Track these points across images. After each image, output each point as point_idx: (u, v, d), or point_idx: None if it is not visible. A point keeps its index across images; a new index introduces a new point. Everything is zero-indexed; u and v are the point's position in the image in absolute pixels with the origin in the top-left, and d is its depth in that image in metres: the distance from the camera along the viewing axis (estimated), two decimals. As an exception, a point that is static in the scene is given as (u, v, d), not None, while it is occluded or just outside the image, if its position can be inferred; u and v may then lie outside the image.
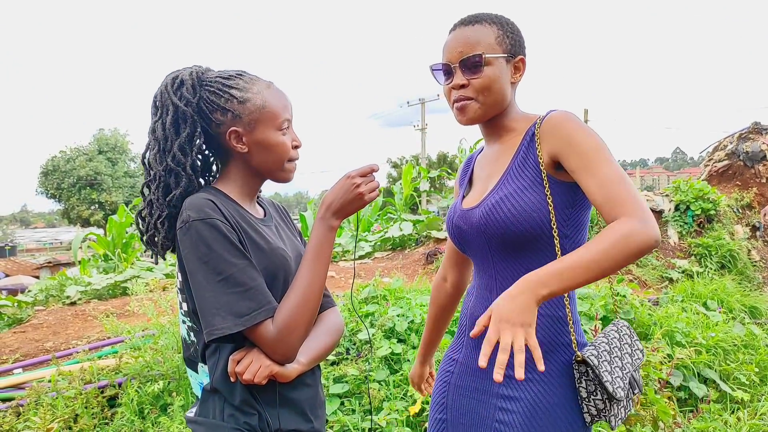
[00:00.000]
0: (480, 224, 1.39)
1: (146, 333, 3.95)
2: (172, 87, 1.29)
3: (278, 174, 1.37)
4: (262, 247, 1.28)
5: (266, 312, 1.20)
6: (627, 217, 1.15)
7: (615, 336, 1.41)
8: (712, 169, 9.02)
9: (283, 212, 1.56)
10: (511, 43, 1.41)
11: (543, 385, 1.36)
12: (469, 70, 1.38)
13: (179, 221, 1.22)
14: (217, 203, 1.24)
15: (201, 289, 1.19)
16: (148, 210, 1.31)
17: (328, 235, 1.30)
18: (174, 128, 1.28)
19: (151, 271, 6.92)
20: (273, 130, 1.32)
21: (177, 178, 1.28)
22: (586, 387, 1.32)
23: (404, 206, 11.95)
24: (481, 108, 1.40)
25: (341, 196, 1.30)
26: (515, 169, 1.39)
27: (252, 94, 1.31)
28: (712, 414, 3.30)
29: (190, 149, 1.29)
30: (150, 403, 3.20)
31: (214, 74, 1.33)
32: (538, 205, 1.32)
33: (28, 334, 4.55)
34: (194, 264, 1.19)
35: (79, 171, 32.42)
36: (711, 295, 5.04)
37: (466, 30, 1.41)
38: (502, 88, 1.40)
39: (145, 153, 1.33)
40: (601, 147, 1.27)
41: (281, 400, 1.28)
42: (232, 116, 1.29)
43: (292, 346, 1.23)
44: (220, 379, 1.25)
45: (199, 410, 1.30)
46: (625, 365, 1.37)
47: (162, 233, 1.29)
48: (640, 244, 1.12)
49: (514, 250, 1.37)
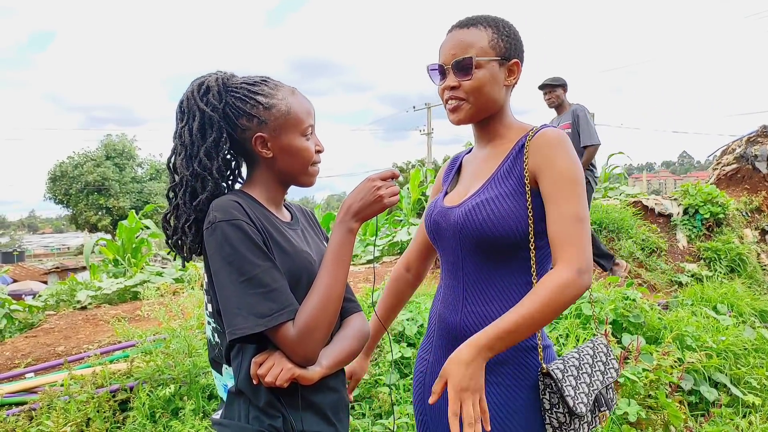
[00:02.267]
0: (457, 224, 1.42)
1: (157, 337, 3.96)
2: (198, 93, 1.31)
3: (302, 178, 1.39)
4: (286, 250, 1.30)
5: (288, 314, 1.21)
6: (564, 264, 1.24)
7: (589, 353, 1.44)
8: (721, 173, 8.99)
9: (311, 217, 1.58)
10: (506, 47, 1.43)
11: (509, 390, 1.38)
12: (461, 72, 1.41)
13: (206, 222, 1.24)
14: (243, 205, 1.25)
15: (224, 289, 1.20)
16: (174, 214, 1.33)
17: (348, 237, 1.31)
18: (200, 133, 1.31)
19: (161, 276, 6.94)
20: (297, 136, 1.34)
21: (203, 182, 1.31)
22: (549, 399, 1.35)
23: (412, 210, 11.95)
24: (471, 109, 1.43)
25: (361, 199, 1.31)
26: (500, 175, 1.41)
27: (277, 100, 1.33)
28: (723, 418, 3.29)
29: (216, 154, 1.31)
30: (161, 407, 3.20)
31: (239, 80, 1.35)
32: (516, 214, 1.35)
33: (39, 338, 4.57)
34: (219, 264, 1.21)
35: (86, 177, 32.51)
36: (721, 299, 5.01)
37: (461, 32, 1.44)
38: (492, 91, 1.42)
39: (171, 157, 1.35)
40: (576, 182, 1.31)
41: (304, 404, 1.28)
42: (257, 122, 1.31)
43: (313, 348, 1.24)
44: (244, 381, 1.26)
45: (225, 412, 1.31)
46: (594, 382, 1.39)
47: (190, 237, 1.31)
48: (573, 296, 1.22)
49: (485, 255, 1.40)
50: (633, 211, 7.19)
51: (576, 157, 1.35)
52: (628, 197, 8.13)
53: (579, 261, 1.23)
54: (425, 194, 12.43)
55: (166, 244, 1.37)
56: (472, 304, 1.42)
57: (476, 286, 1.42)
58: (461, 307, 1.44)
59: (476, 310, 1.41)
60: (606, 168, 13.31)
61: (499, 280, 1.40)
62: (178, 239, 1.33)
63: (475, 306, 1.41)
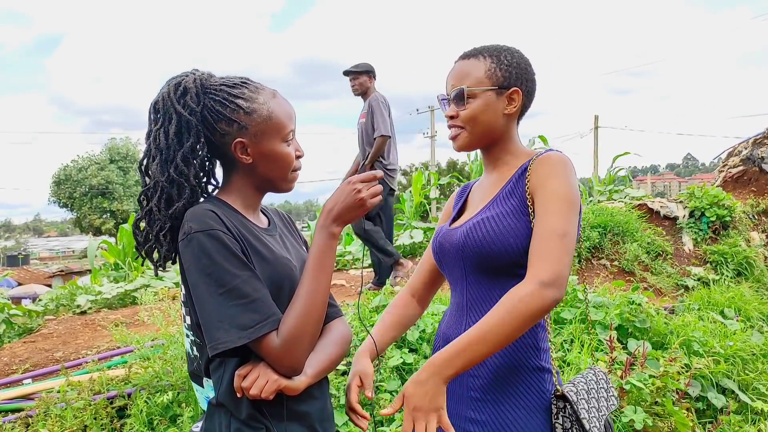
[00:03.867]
0: (459, 242, 1.43)
1: (155, 343, 3.93)
2: (175, 94, 1.26)
3: (282, 185, 1.35)
4: (266, 257, 1.25)
5: (271, 324, 1.17)
6: (528, 278, 1.23)
7: (592, 378, 1.44)
8: (727, 175, 8.91)
9: (288, 222, 1.52)
10: (504, 76, 1.44)
11: (512, 410, 1.35)
12: (457, 102, 1.45)
13: (181, 233, 1.19)
14: (220, 214, 1.20)
15: (203, 302, 1.16)
16: (146, 219, 1.28)
17: (330, 242, 1.26)
18: (177, 138, 1.25)
19: (161, 280, 6.91)
20: (279, 141, 1.29)
21: (180, 189, 1.26)
22: (562, 423, 1.33)
23: (414, 214, 11.91)
24: (468, 137, 1.46)
25: (342, 202, 1.26)
26: (503, 196, 1.42)
27: (258, 104, 1.28)
28: (732, 425, 3.23)
29: (194, 159, 1.26)
30: (159, 414, 3.16)
31: (218, 81, 1.30)
32: (516, 232, 1.35)
33: (38, 343, 4.54)
34: (196, 276, 1.16)
35: (90, 180, 32.67)
36: (728, 303, 4.94)
37: (462, 63, 1.48)
38: (489, 120, 1.44)
39: (144, 160, 1.29)
40: (566, 200, 1.30)
41: (289, 414, 1.24)
42: (238, 127, 1.26)
43: (298, 357, 1.20)
44: (225, 393, 1.21)
45: (206, 425, 1.27)
46: (601, 407, 1.39)
47: (165, 246, 1.26)
48: (530, 311, 1.18)
49: (488, 273, 1.39)
50: (638, 214, 7.12)
51: (572, 180, 1.35)
52: (633, 200, 8.05)
53: (543, 274, 1.21)
54: (428, 197, 12.40)
55: (137, 251, 1.33)
56: (474, 321, 1.38)
57: (478, 303, 1.42)
58: (463, 323, 1.43)
59: None
60: (611, 170, 13.25)
61: (500, 298, 1.36)
62: (150, 246, 1.28)
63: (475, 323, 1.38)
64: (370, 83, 5.34)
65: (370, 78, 5.33)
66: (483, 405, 1.36)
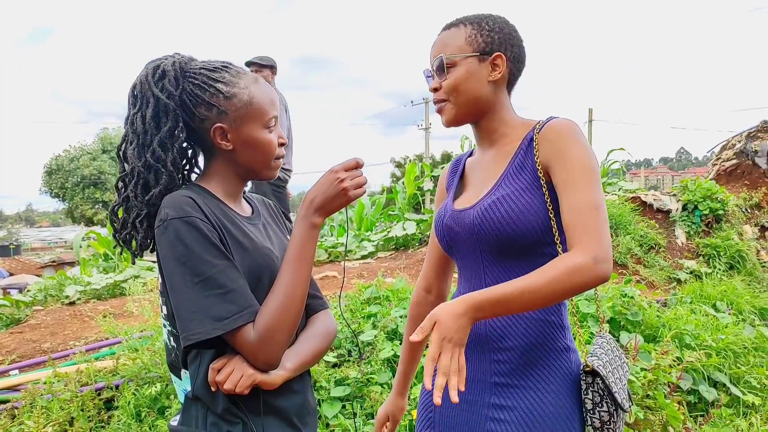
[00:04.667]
0: (474, 225, 1.35)
1: (144, 334, 3.89)
2: (153, 77, 1.21)
3: (263, 172, 1.30)
4: (245, 247, 1.21)
5: (247, 316, 1.13)
6: (581, 250, 1.17)
7: (608, 348, 1.39)
8: (720, 169, 8.91)
9: (274, 211, 1.48)
10: (486, 41, 1.37)
11: (539, 393, 1.31)
12: (439, 72, 1.39)
13: (157, 220, 1.15)
14: (198, 201, 1.16)
15: (178, 291, 1.12)
16: (123, 206, 1.24)
17: (311, 233, 1.22)
18: (154, 122, 1.21)
19: (151, 271, 6.85)
20: (260, 128, 1.25)
21: (157, 174, 1.22)
22: (591, 398, 1.29)
23: (407, 205, 11.86)
24: (453, 109, 1.39)
25: (323, 192, 1.22)
26: (512, 171, 1.35)
27: (239, 89, 1.23)
28: (723, 419, 3.22)
29: (171, 144, 1.22)
30: (147, 405, 3.13)
31: (199, 65, 1.25)
32: (535, 209, 1.29)
33: (25, 334, 4.49)
34: (172, 265, 1.12)
35: (82, 170, 32.44)
36: (720, 297, 4.94)
37: (443, 34, 1.42)
38: (473, 89, 1.37)
39: (122, 145, 1.25)
40: (591, 169, 1.25)
41: (266, 408, 1.21)
42: (217, 112, 1.22)
43: (274, 351, 1.16)
44: (201, 386, 1.18)
45: (182, 419, 1.23)
46: (622, 376, 1.36)
47: (141, 233, 1.22)
48: (584, 282, 1.15)
49: (506, 255, 1.33)
50: (631, 207, 7.11)
51: (588, 145, 1.29)
52: (627, 193, 8.04)
53: (596, 249, 1.16)
54: (421, 188, 12.35)
55: (113, 239, 1.29)
56: None
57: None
58: None
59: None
60: (605, 163, 13.26)
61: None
62: (127, 234, 1.24)
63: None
64: (272, 79, 5.17)
65: (272, 73, 5.15)
66: (509, 390, 1.32)
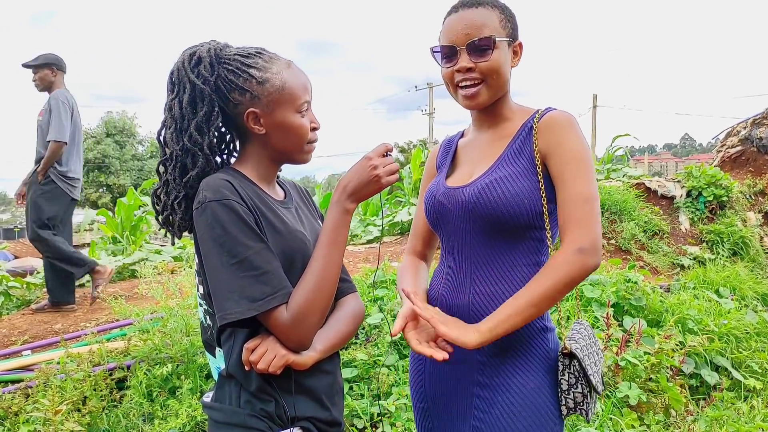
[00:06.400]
0: (468, 203, 1.38)
1: (155, 316, 3.94)
2: (189, 64, 1.25)
3: (297, 156, 1.34)
4: (279, 230, 1.25)
5: (281, 297, 1.17)
6: (566, 245, 1.25)
7: (585, 333, 1.44)
8: (725, 155, 8.90)
9: (305, 195, 1.52)
10: (512, 27, 1.41)
11: (520, 372, 1.36)
12: (476, 53, 1.37)
13: (196, 202, 1.20)
14: (235, 184, 1.20)
15: (215, 271, 1.16)
16: (164, 189, 1.29)
17: (344, 218, 1.26)
18: (191, 107, 1.25)
19: (159, 254, 6.90)
20: (292, 112, 1.28)
21: (194, 158, 1.26)
22: (567, 379, 1.35)
23: (413, 190, 11.89)
24: (489, 91, 1.40)
25: (357, 178, 1.26)
26: (510, 155, 1.39)
27: (271, 74, 1.27)
28: (724, 402, 3.27)
29: (207, 129, 1.26)
30: (158, 386, 3.19)
31: (233, 51, 1.29)
32: (529, 194, 1.33)
33: (36, 315, 4.55)
34: (209, 246, 1.16)
35: (87, 154, 32.45)
36: (723, 282, 4.99)
37: (471, 12, 1.39)
38: (507, 73, 1.41)
39: (161, 131, 1.30)
40: (586, 161, 1.31)
41: (297, 388, 1.25)
42: (250, 97, 1.26)
43: (307, 332, 1.20)
44: (235, 365, 1.22)
45: (216, 395, 1.28)
46: (597, 361, 1.41)
47: (179, 214, 1.27)
48: (573, 276, 1.23)
49: (495, 235, 1.37)
50: (636, 193, 7.12)
51: (584, 138, 1.35)
52: (631, 179, 8.05)
53: (581, 240, 1.24)
54: (426, 174, 12.34)
55: (156, 220, 1.33)
56: (481, 285, 1.38)
57: (485, 266, 1.39)
58: (469, 288, 1.40)
59: (485, 290, 1.38)
60: (610, 149, 13.23)
61: (508, 260, 1.37)
62: (168, 215, 1.29)
63: (484, 286, 1.38)
64: (54, 77, 4.73)
65: (53, 71, 4.73)
66: (489, 369, 1.37)
